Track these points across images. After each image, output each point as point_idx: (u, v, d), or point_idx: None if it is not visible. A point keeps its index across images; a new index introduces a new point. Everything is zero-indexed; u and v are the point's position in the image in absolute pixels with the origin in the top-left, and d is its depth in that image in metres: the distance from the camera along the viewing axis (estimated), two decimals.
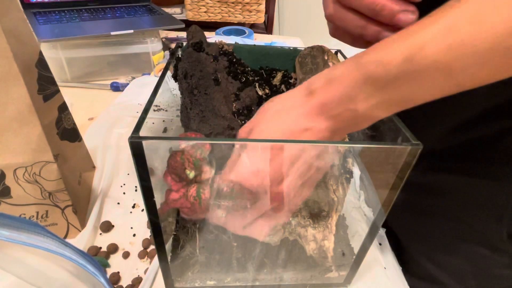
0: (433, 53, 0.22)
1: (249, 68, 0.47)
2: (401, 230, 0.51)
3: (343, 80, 0.26)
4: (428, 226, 0.48)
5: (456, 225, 0.45)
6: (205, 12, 1.27)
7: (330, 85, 0.27)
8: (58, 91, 0.44)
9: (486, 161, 0.41)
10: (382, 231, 0.50)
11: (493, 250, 0.42)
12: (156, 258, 0.42)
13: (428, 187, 0.47)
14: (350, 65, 0.26)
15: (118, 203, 0.51)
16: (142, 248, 0.44)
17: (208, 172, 0.29)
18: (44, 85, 0.41)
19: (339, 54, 0.46)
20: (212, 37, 1.04)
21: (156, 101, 0.31)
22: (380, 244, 0.48)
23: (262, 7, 1.29)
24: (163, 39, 1.00)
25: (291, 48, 0.48)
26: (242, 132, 0.31)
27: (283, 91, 0.43)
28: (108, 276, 0.41)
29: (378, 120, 0.28)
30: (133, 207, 0.51)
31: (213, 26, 1.25)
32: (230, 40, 1.01)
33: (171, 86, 0.43)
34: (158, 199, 0.29)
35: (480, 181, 0.41)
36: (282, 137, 0.28)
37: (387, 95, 0.25)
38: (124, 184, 0.55)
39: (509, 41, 0.21)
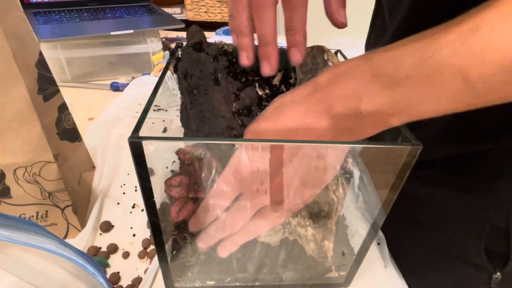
0: (448, 56, 0.20)
1: (249, 68, 0.47)
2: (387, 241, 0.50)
3: (348, 75, 0.25)
4: (410, 237, 0.48)
5: (437, 238, 0.45)
6: (205, 12, 1.27)
7: (334, 80, 0.26)
8: (58, 91, 0.45)
9: (470, 176, 0.40)
10: (380, 231, 0.50)
11: (471, 266, 0.42)
12: (156, 258, 0.42)
13: (411, 197, 0.46)
14: (358, 60, 0.25)
15: (118, 203, 0.51)
16: (142, 248, 0.44)
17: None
18: (44, 85, 0.41)
19: (339, 54, 0.46)
20: (212, 37, 1.04)
21: (156, 101, 0.31)
22: (378, 243, 0.48)
23: None
24: (163, 39, 1.00)
25: None
26: (250, 126, 0.30)
27: (283, 91, 0.43)
28: (108, 276, 0.41)
29: (386, 128, 0.26)
30: (133, 207, 0.51)
31: (213, 26, 1.25)
32: (230, 40, 1.00)
33: (171, 86, 0.43)
34: (158, 199, 0.29)
35: (463, 195, 0.41)
36: (280, 133, 0.27)
37: (394, 97, 0.23)
38: (124, 184, 0.55)
39: None
